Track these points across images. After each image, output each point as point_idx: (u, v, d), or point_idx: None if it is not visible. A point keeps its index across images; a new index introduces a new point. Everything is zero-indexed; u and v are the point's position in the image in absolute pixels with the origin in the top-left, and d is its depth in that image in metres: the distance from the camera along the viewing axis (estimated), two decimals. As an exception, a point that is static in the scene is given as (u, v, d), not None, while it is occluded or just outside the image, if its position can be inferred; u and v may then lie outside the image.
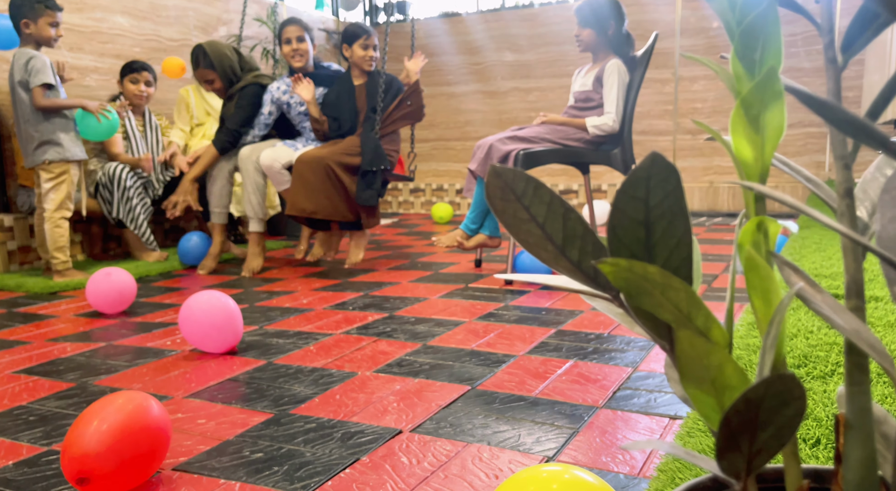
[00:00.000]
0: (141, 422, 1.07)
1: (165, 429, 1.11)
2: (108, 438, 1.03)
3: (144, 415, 1.08)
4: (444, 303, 2.36)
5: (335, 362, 1.71)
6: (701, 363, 0.50)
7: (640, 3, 4.92)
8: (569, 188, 5.24)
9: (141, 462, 1.06)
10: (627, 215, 0.53)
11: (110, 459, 1.02)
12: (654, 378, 1.50)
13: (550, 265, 0.57)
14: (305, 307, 2.36)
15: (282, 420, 1.34)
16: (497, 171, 0.55)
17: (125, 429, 1.05)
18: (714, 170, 4.91)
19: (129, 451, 1.04)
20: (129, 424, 1.06)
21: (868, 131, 0.42)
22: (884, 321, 1.68)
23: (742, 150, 0.56)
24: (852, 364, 0.52)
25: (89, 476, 1.01)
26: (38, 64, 2.84)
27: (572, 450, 1.15)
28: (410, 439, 1.23)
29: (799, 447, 1.03)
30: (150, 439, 1.07)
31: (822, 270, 2.35)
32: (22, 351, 1.91)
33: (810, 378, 1.34)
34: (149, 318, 2.29)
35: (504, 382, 1.52)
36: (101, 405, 1.07)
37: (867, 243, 0.44)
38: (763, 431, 0.48)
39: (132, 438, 1.05)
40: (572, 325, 2.00)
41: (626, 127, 2.80)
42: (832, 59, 0.51)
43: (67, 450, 1.03)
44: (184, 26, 4.23)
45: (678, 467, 1.01)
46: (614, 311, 0.62)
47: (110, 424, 1.04)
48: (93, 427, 1.04)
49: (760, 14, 0.53)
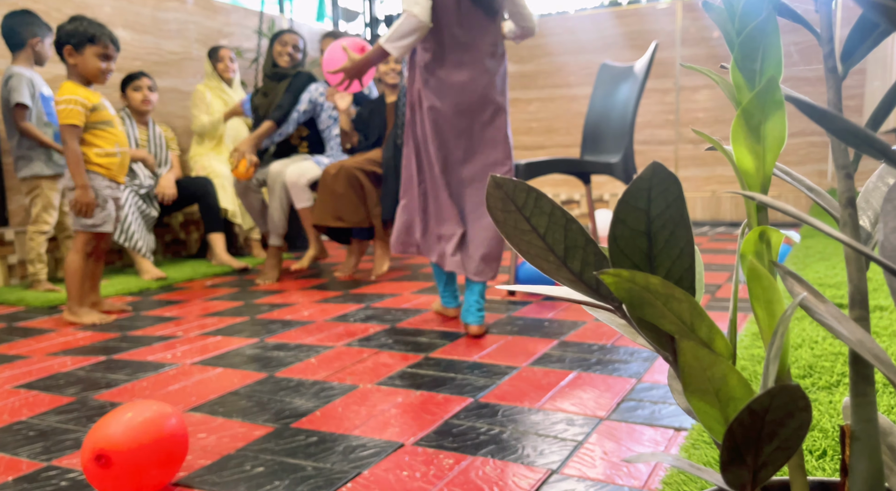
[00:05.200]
0: (167, 428, 1.11)
1: (185, 444, 1.14)
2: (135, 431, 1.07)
3: (169, 424, 1.12)
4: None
5: (336, 375, 1.70)
6: (704, 374, 0.50)
7: (640, 13, 4.94)
8: (570, 198, 5.24)
9: (157, 468, 1.09)
10: (629, 226, 0.52)
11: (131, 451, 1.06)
12: (658, 389, 1.49)
13: (552, 276, 0.57)
14: (306, 320, 2.35)
15: (283, 434, 1.33)
16: (497, 182, 0.54)
17: (151, 429, 1.09)
18: (716, 179, 4.91)
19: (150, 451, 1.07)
20: (156, 427, 1.09)
21: (869, 141, 0.42)
22: (889, 331, 1.67)
23: (743, 160, 0.56)
24: (857, 375, 0.51)
25: (108, 456, 1.04)
26: (14, 82, 2.87)
27: (576, 462, 1.14)
28: (413, 453, 1.22)
29: (805, 459, 1.02)
30: (171, 447, 1.10)
31: (826, 279, 2.35)
32: (22, 365, 1.91)
33: (815, 389, 1.34)
34: (148, 331, 2.28)
35: (507, 393, 1.51)
36: (133, 406, 1.12)
37: (870, 253, 0.43)
38: (768, 444, 0.47)
39: (156, 442, 1.08)
40: (575, 336, 1.99)
41: (628, 136, 2.80)
42: (832, 68, 0.51)
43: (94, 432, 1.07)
44: (185, 39, 4.25)
45: (683, 480, 1.00)
46: (617, 322, 0.62)
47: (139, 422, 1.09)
48: (125, 418, 1.08)
49: (760, 24, 0.52)
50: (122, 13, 3.87)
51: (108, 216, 2.42)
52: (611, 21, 5.03)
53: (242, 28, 4.69)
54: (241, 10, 4.71)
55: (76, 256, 2.41)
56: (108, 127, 2.39)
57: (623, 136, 2.82)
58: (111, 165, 2.40)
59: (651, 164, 0.51)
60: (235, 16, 4.65)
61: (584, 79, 5.10)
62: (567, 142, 5.21)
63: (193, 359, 1.91)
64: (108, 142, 2.39)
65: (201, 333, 2.21)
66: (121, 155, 2.44)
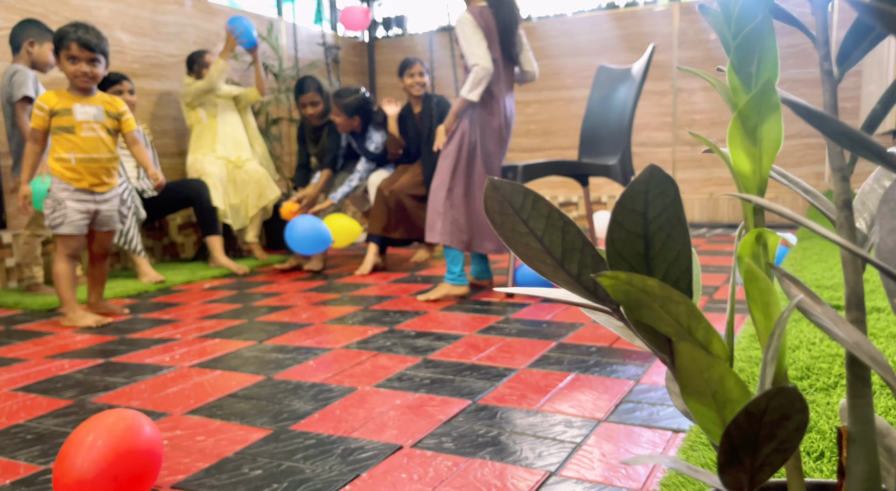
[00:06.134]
0: (131, 442, 1.05)
1: (157, 449, 1.10)
2: (100, 461, 1.01)
3: (135, 435, 1.06)
4: (444, 316, 2.35)
5: (335, 377, 1.70)
6: (701, 376, 0.50)
7: (637, 16, 4.95)
8: (568, 200, 5.25)
9: (133, 484, 1.04)
10: (626, 228, 0.52)
11: (105, 483, 1.01)
12: (656, 391, 1.50)
13: (549, 278, 0.57)
14: (305, 322, 2.35)
15: (281, 436, 1.33)
16: (495, 184, 0.54)
17: (117, 450, 1.03)
18: (714, 181, 4.92)
19: (122, 473, 1.03)
20: (121, 444, 1.04)
21: (865, 144, 0.42)
22: (886, 332, 1.68)
23: (740, 163, 0.56)
24: (854, 376, 0.51)
25: None
26: (19, 78, 2.89)
27: (575, 464, 1.15)
28: (411, 455, 1.22)
29: (803, 461, 1.02)
30: (142, 460, 1.06)
31: (823, 281, 2.35)
32: (20, 368, 1.90)
33: (813, 390, 1.34)
34: (146, 334, 2.28)
35: (505, 395, 1.51)
36: (92, 425, 1.06)
37: (866, 255, 0.43)
38: (765, 445, 0.47)
39: (124, 460, 1.03)
40: (573, 337, 1.99)
41: (625, 138, 2.81)
42: (828, 71, 0.51)
43: (60, 478, 1.01)
44: (183, 42, 4.25)
45: (681, 482, 1.00)
46: (614, 324, 0.62)
47: (101, 446, 1.03)
48: (84, 448, 1.02)
49: (756, 27, 0.53)
50: (120, 16, 3.87)
51: (64, 217, 2.41)
52: (608, 23, 5.05)
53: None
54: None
55: (57, 260, 2.46)
56: (66, 133, 2.41)
57: (621, 138, 2.82)
58: (64, 170, 2.41)
59: (648, 167, 0.51)
60: (233, 18, 4.65)
61: (581, 81, 5.11)
62: (565, 144, 5.21)
63: (191, 361, 1.91)
64: (63, 147, 2.40)
65: (199, 336, 2.21)
66: (76, 161, 2.41)
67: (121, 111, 2.54)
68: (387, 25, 5.97)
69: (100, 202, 2.50)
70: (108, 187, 2.52)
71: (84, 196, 2.46)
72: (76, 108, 2.42)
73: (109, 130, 2.51)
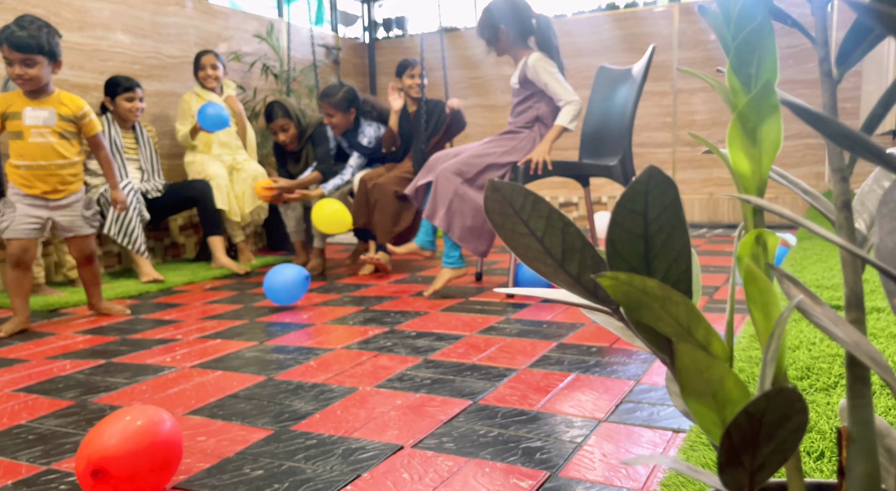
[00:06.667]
0: (161, 434, 1.10)
1: (179, 448, 1.14)
2: (129, 441, 1.06)
3: (162, 429, 1.11)
4: (444, 317, 2.35)
5: (336, 378, 1.70)
6: (701, 377, 0.50)
7: (637, 17, 4.95)
8: (569, 201, 5.25)
9: (153, 474, 1.08)
10: (626, 229, 0.53)
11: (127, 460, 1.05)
12: (656, 391, 1.50)
13: (549, 279, 0.57)
14: (306, 322, 2.35)
15: (282, 437, 1.33)
16: (495, 185, 0.55)
17: (146, 436, 1.08)
18: (714, 181, 4.92)
19: (145, 458, 1.07)
20: (150, 433, 1.09)
21: (864, 144, 0.42)
22: (886, 333, 1.68)
23: (739, 164, 0.56)
24: (854, 377, 0.52)
25: (104, 470, 1.04)
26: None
27: (575, 464, 1.15)
28: (412, 455, 1.22)
29: (803, 461, 1.02)
30: (166, 453, 1.10)
31: (823, 281, 2.35)
32: (21, 369, 1.91)
33: (813, 390, 1.34)
34: (148, 334, 2.28)
35: (506, 396, 1.51)
36: (125, 413, 1.11)
37: (865, 256, 0.43)
38: (765, 446, 0.48)
39: (151, 448, 1.08)
40: (574, 338, 1.99)
41: (626, 139, 2.81)
42: (828, 72, 0.52)
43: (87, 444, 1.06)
44: (184, 43, 4.26)
45: (682, 482, 1.00)
46: (614, 324, 0.62)
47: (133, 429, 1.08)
48: (117, 427, 1.07)
49: (755, 28, 0.53)
50: (121, 17, 3.87)
51: (11, 221, 2.37)
52: (608, 24, 5.05)
53: (241, 32, 4.69)
54: (240, 14, 4.71)
55: (6, 267, 2.42)
56: (15, 139, 2.36)
57: (621, 138, 2.82)
58: (16, 176, 2.37)
59: (647, 168, 0.51)
60: (234, 19, 4.65)
61: (581, 82, 5.10)
62: (565, 144, 5.21)
63: (193, 362, 1.91)
64: (14, 153, 2.37)
65: (200, 337, 2.21)
66: (24, 168, 2.36)
67: (79, 114, 2.42)
68: (387, 26, 5.98)
69: (54, 209, 2.43)
70: (63, 194, 2.42)
71: (36, 202, 2.40)
72: (26, 112, 2.34)
73: (63, 135, 2.40)
